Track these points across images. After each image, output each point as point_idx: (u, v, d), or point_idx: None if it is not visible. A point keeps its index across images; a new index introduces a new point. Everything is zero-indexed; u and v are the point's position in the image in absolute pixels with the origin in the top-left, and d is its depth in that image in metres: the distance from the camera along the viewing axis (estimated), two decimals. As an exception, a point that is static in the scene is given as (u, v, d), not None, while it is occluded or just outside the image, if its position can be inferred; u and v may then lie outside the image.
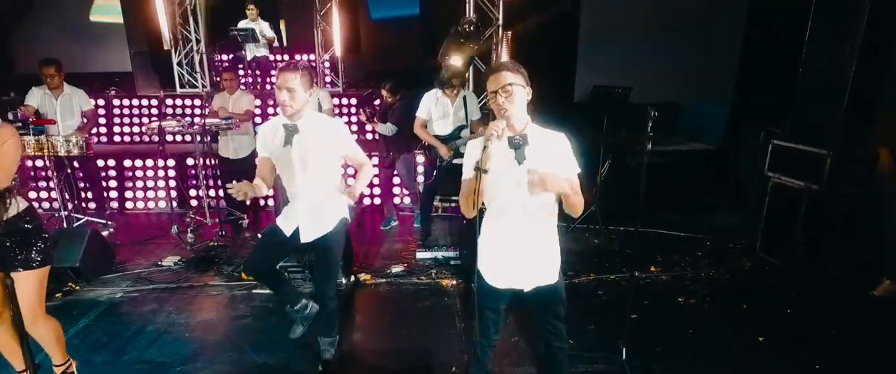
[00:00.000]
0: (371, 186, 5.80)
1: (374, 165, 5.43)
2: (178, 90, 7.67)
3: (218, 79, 8.30)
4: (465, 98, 4.36)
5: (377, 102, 6.47)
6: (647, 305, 3.60)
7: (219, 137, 5.11)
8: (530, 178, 1.84)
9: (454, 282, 3.95)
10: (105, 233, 4.74)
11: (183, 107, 7.19)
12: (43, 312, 2.32)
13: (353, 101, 7.10)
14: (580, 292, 3.76)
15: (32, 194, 5.68)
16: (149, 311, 3.49)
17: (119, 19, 7.68)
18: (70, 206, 4.99)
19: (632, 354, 2.83)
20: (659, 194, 5.39)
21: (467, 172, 2.00)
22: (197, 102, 7.15)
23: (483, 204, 2.03)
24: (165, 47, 7.63)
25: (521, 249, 2.03)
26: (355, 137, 2.95)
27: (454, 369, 2.83)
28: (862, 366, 2.90)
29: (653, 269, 4.18)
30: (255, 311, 3.50)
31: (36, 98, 4.73)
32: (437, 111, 4.29)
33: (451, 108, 4.31)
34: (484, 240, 2.12)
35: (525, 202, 1.98)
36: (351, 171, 5.37)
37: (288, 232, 2.56)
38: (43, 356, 2.47)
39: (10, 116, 4.59)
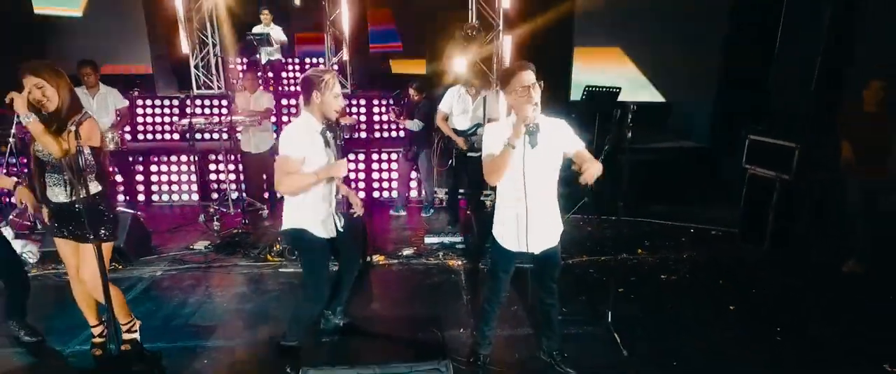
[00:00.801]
0: (389, 178, 6.25)
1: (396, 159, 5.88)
2: (195, 92, 8.10)
3: (234, 81, 8.76)
4: (485, 98, 4.77)
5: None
6: (634, 280, 4.02)
7: (240, 134, 5.53)
8: (592, 172, 2.27)
9: (460, 262, 4.37)
10: (138, 222, 5.16)
11: (201, 106, 7.61)
12: (97, 279, 2.72)
13: (362, 101, 7.53)
14: (573, 271, 4.17)
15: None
16: (187, 286, 3.91)
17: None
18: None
19: (617, 319, 3.24)
20: (649, 187, 5.88)
21: (493, 149, 2.38)
22: (215, 102, 7.57)
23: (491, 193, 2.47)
24: (184, 51, 8.09)
25: (532, 217, 2.45)
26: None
27: (461, 330, 3.25)
28: (816, 327, 3.31)
29: (639, 251, 4.60)
30: (283, 286, 3.92)
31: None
32: (458, 107, 4.72)
33: (472, 105, 4.73)
34: (500, 211, 2.54)
35: (536, 175, 2.40)
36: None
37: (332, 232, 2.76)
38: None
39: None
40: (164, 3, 7.76)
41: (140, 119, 7.47)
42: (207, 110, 7.54)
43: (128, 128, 7.37)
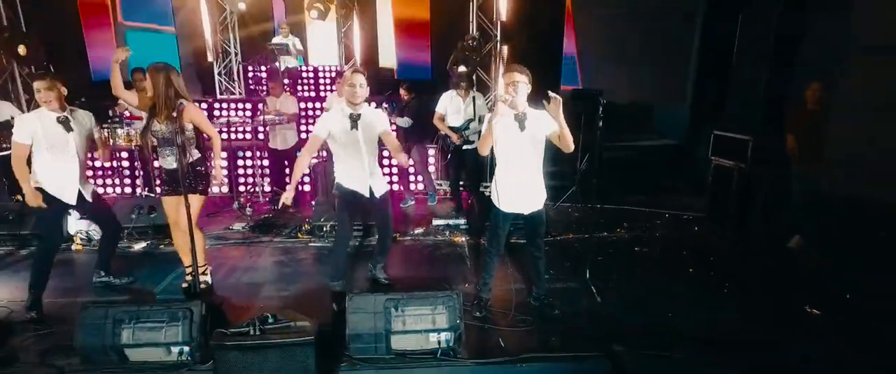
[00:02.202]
0: (389, 173, 6.95)
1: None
2: (218, 96, 8.84)
3: (254, 87, 9.52)
4: (473, 98, 5.51)
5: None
6: (611, 252, 4.73)
7: (269, 132, 6.26)
8: (553, 99, 2.89)
9: (463, 239, 5.09)
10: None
11: (221, 110, 8.34)
12: (196, 224, 3.49)
13: (372, 104, 8.26)
14: (560, 245, 4.89)
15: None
16: (235, 256, 4.62)
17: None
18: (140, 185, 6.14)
19: (594, 276, 3.96)
20: (631, 179, 6.62)
21: (485, 128, 3.12)
22: (239, 105, 8.30)
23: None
24: (209, 59, 8.87)
25: (521, 184, 3.18)
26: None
27: (466, 285, 3.96)
28: (757, 285, 4.02)
29: (618, 230, 5.32)
30: (314, 256, 4.64)
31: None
32: (451, 108, 5.45)
33: (462, 105, 5.47)
34: (498, 181, 3.26)
35: (524, 152, 3.13)
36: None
37: (365, 192, 3.54)
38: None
39: (111, 114, 5.76)
40: (192, 17, 8.55)
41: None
42: (231, 113, 8.26)
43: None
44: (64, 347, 2.99)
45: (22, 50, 6.10)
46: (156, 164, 3.64)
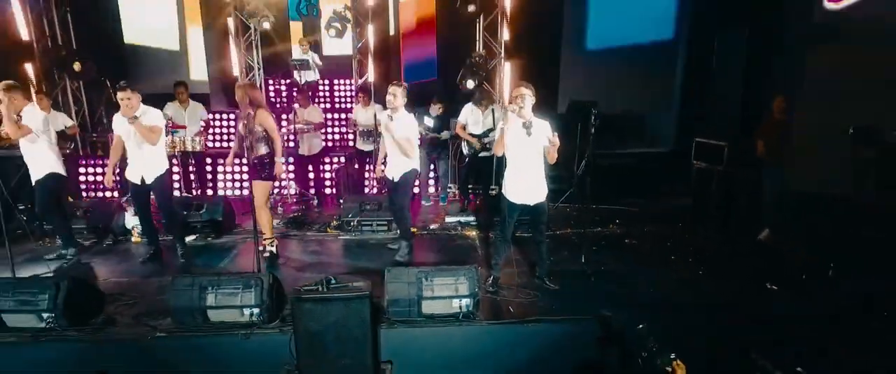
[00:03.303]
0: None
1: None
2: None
3: (275, 100, 10.24)
4: (492, 110, 6.22)
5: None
6: (604, 243, 5.39)
7: (299, 139, 6.94)
8: (553, 141, 3.67)
9: (474, 233, 5.76)
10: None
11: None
12: (264, 204, 4.35)
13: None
14: (559, 239, 5.55)
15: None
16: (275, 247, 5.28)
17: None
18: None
19: (588, 262, 4.61)
20: (625, 183, 7.28)
21: (497, 134, 3.84)
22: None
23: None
24: (234, 74, 9.59)
25: (527, 179, 3.86)
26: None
27: (477, 266, 4.61)
28: (732, 270, 4.67)
29: (611, 226, 5.99)
30: (344, 246, 5.32)
31: (171, 109, 6.57)
32: (472, 119, 6.16)
33: (481, 117, 6.17)
34: (508, 177, 3.94)
35: (529, 155, 3.81)
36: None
37: (390, 176, 4.52)
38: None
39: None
40: (220, 35, 9.30)
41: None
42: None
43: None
44: (152, 312, 3.65)
45: (77, 67, 6.81)
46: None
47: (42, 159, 4.45)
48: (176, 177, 7.23)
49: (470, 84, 7.20)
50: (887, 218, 4.54)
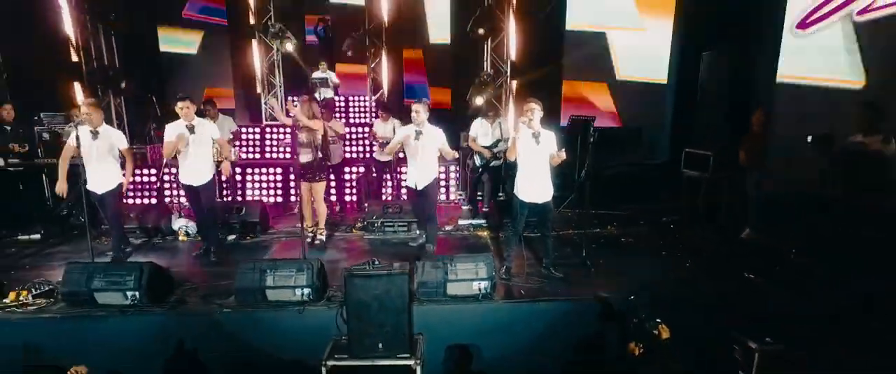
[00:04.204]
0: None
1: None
2: (264, 122, 10.25)
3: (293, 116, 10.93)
4: (500, 123, 6.87)
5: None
6: (602, 241, 6.01)
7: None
8: (560, 156, 4.34)
9: (485, 233, 6.38)
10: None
11: (271, 134, 9.72)
12: (321, 199, 5.12)
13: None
14: (562, 239, 6.15)
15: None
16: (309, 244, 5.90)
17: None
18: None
19: (589, 256, 5.22)
20: (623, 192, 7.90)
21: (510, 143, 4.51)
22: (281, 130, 9.69)
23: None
24: (257, 91, 10.33)
25: (536, 181, 4.51)
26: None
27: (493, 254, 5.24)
28: (716, 264, 5.28)
29: (609, 227, 6.61)
30: (369, 243, 5.93)
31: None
32: (481, 131, 6.81)
33: (490, 129, 6.83)
34: (519, 179, 4.59)
35: (538, 160, 4.46)
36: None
37: (412, 185, 5.11)
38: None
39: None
40: (245, 54, 10.06)
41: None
42: (279, 137, 9.66)
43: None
44: (213, 294, 4.27)
45: (123, 85, 7.51)
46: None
47: (114, 171, 5.02)
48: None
49: (479, 100, 7.90)
50: (852, 214, 5.12)
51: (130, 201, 7.79)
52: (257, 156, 9.28)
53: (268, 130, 9.60)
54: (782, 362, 3.63)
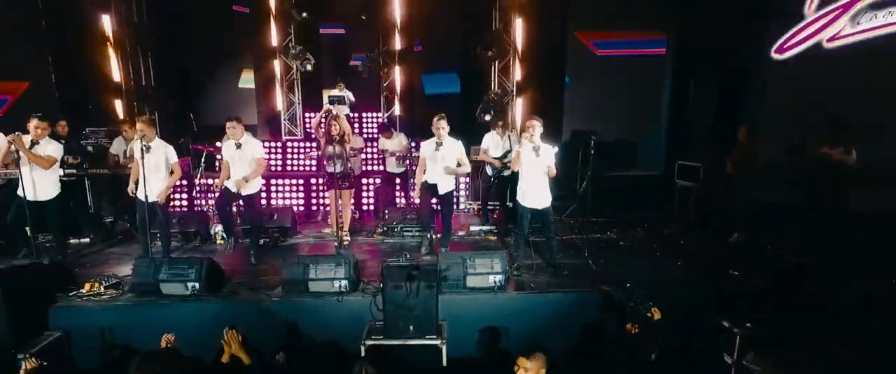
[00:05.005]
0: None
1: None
2: (283, 137, 10.91)
3: (311, 131, 11.59)
4: (509, 136, 7.51)
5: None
6: (602, 245, 6.59)
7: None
8: (552, 168, 4.97)
9: (494, 237, 6.97)
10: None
11: (288, 150, 10.36)
12: (348, 204, 5.59)
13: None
14: (565, 243, 6.72)
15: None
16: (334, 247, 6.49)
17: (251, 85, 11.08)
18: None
19: (591, 256, 5.80)
20: (622, 200, 8.49)
21: (515, 155, 5.13)
22: (299, 145, 10.35)
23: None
24: (277, 109, 11.01)
25: (536, 189, 5.12)
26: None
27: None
28: (706, 264, 5.85)
29: (608, 233, 7.19)
30: (391, 247, 6.51)
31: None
32: (492, 143, 7.43)
33: (500, 142, 7.46)
34: (521, 187, 5.20)
35: (537, 171, 5.08)
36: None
37: (434, 189, 5.69)
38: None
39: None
40: (267, 74, 10.78)
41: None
42: (298, 151, 10.31)
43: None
44: (259, 287, 4.85)
45: (162, 102, 8.18)
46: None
47: (163, 183, 5.62)
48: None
49: (487, 117, 8.56)
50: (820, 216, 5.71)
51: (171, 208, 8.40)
52: (279, 168, 9.91)
53: (289, 144, 10.27)
54: (759, 342, 4.19)
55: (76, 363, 4.36)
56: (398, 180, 8.50)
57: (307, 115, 11.76)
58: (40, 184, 5.30)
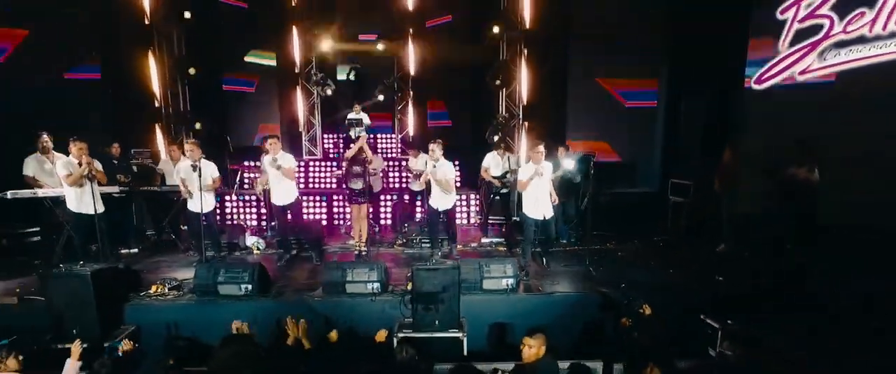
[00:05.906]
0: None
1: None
2: (304, 157, 11.69)
3: (332, 151, 12.38)
4: (509, 157, 8.26)
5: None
6: (602, 255, 7.27)
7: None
8: (554, 198, 5.81)
9: (503, 248, 7.66)
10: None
11: (311, 169, 11.14)
12: (365, 217, 6.32)
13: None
14: (567, 253, 7.42)
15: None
16: (359, 257, 7.19)
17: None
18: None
19: (591, 264, 6.48)
20: (621, 217, 9.18)
21: (522, 176, 5.90)
22: (320, 164, 11.12)
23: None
24: (300, 129, 11.82)
25: (540, 203, 5.87)
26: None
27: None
28: (698, 272, 6.52)
29: (607, 244, 7.87)
30: (410, 256, 7.19)
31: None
32: (493, 163, 8.18)
33: (501, 161, 8.20)
34: (526, 202, 5.96)
35: (541, 189, 5.84)
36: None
37: (437, 206, 6.45)
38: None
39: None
40: (290, 97, 11.62)
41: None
42: (320, 170, 11.09)
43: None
44: (303, 288, 5.55)
45: (198, 126, 8.97)
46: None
47: (209, 197, 6.35)
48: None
49: (495, 139, 9.33)
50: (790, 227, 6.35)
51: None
52: (302, 186, 10.68)
53: (311, 164, 11.06)
54: (741, 338, 4.84)
55: (146, 353, 5.03)
56: (419, 197, 9.24)
57: (324, 136, 12.57)
58: (99, 199, 6.06)
